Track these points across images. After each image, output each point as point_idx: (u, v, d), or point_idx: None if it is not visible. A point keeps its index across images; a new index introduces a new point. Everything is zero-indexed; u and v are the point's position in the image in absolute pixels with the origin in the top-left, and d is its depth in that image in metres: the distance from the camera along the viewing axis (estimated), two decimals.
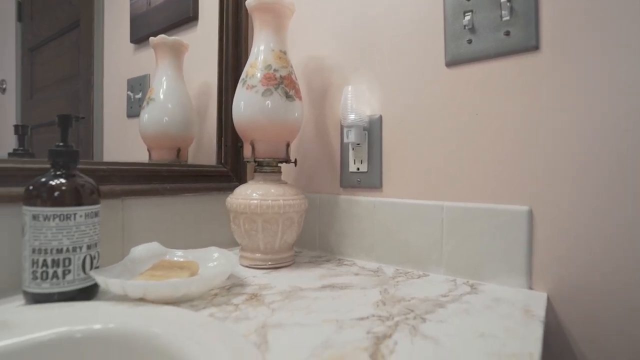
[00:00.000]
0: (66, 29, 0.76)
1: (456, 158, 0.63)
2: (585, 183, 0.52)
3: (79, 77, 0.78)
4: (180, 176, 0.72)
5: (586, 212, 0.52)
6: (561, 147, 0.54)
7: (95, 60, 0.79)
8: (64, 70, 0.74)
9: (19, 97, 0.68)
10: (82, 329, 0.38)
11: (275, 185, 0.67)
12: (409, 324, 0.43)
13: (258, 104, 0.64)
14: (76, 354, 0.37)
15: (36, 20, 0.71)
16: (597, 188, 0.52)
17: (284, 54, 0.68)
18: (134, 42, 0.88)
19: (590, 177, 0.52)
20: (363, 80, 0.74)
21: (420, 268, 0.66)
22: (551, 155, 0.55)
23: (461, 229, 0.61)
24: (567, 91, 0.54)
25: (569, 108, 0.54)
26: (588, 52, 0.52)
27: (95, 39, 0.80)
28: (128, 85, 0.88)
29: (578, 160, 0.53)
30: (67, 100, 0.74)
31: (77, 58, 0.77)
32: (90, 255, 0.49)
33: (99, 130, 0.79)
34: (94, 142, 0.78)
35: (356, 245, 0.74)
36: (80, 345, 0.37)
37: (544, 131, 0.55)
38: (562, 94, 0.54)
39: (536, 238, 0.56)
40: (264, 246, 0.65)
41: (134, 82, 0.87)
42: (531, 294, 0.54)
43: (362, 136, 0.71)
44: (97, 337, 0.38)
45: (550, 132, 0.55)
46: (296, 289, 0.56)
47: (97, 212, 0.50)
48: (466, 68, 0.62)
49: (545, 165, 0.55)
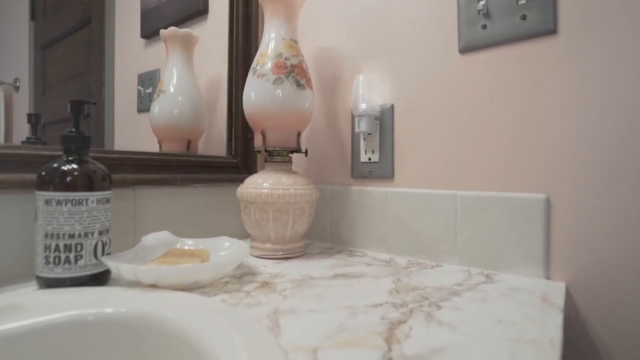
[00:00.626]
0: (78, 27, 0.76)
1: (470, 146, 0.62)
2: (605, 169, 0.51)
3: (90, 74, 0.78)
4: (190, 166, 0.72)
5: (606, 199, 0.51)
6: (580, 133, 0.53)
7: (106, 57, 0.80)
8: (75, 68, 0.75)
9: (31, 95, 0.69)
10: (94, 313, 0.38)
11: (286, 175, 0.66)
12: (424, 310, 0.42)
13: (269, 93, 0.64)
14: (88, 337, 0.37)
15: (48, 18, 0.72)
16: (618, 174, 0.50)
17: (295, 42, 0.68)
18: (145, 37, 0.89)
19: (611, 163, 0.51)
20: (374, 69, 0.73)
21: (433, 259, 0.65)
22: (569, 141, 0.53)
23: (475, 218, 0.60)
24: (586, 76, 0.52)
25: (588, 93, 0.52)
26: (610, 35, 0.51)
27: (107, 35, 0.80)
28: (139, 80, 0.88)
29: (597, 146, 0.51)
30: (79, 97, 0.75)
31: (88, 55, 0.78)
32: (102, 241, 0.49)
33: (109, 125, 0.80)
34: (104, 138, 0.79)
35: (368, 236, 0.73)
36: (92, 328, 0.37)
37: (561, 117, 0.54)
38: (581, 79, 0.53)
39: (553, 227, 0.55)
40: (274, 236, 0.65)
41: (144, 77, 0.88)
42: (549, 284, 0.53)
43: (374, 126, 0.70)
44: (109, 321, 0.37)
45: (568, 118, 0.53)
46: (307, 277, 0.55)
47: (109, 198, 0.50)
48: (480, 54, 0.61)
49: (563, 152, 0.54)
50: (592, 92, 0.52)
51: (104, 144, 0.76)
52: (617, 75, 0.50)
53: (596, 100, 0.51)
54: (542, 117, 0.55)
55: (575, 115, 0.53)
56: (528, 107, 0.57)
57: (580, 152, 0.53)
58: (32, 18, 0.70)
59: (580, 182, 0.53)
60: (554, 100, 0.55)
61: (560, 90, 0.54)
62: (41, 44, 0.71)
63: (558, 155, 0.54)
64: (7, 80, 0.63)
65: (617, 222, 0.50)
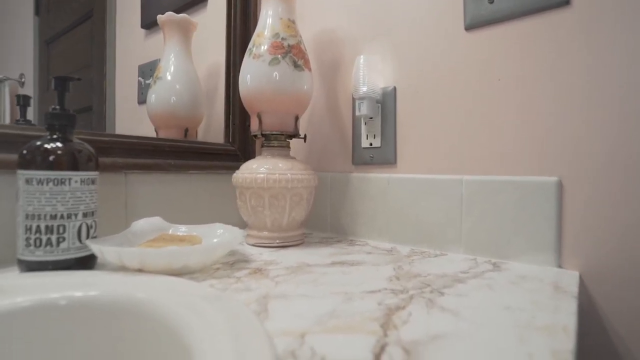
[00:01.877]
0: (80, 20, 0.76)
1: (476, 128, 0.58)
2: (622, 151, 0.47)
3: (92, 67, 0.78)
4: (184, 152, 0.70)
5: (622, 182, 0.47)
6: (595, 113, 0.49)
7: (107, 49, 0.80)
8: (78, 61, 0.75)
9: (36, 90, 0.68)
10: (67, 296, 0.35)
11: (283, 160, 0.63)
12: (425, 297, 0.39)
13: (265, 74, 0.61)
14: (58, 321, 0.34)
15: (52, 13, 0.72)
16: (635, 156, 0.46)
17: (293, 22, 0.65)
18: (145, 27, 0.88)
19: (628, 144, 0.47)
20: (376, 50, 0.70)
21: (437, 247, 0.62)
22: (583, 122, 0.50)
23: (482, 204, 0.57)
24: (603, 50, 0.49)
25: (604, 69, 0.48)
26: (630, 5, 0.47)
27: (108, 27, 0.80)
28: (139, 71, 0.87)
29: (613, 126, 0.48)
30: (81, 91, 0.74)
31: (90, 48, 0.77)
32: (87, 224, 0.46)
33: (111, 118, 0.80)
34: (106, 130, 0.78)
35: (369, 224, 0.70)
36: (64, 312, 0.34)
37: (574, 96, 0.50)
38: (596, 53, 0.49)
39: (566, 212, 0.51)
40: (270, 223, 0.62)
41: (144, 67, 0.87)
42: (561, 272, 0.49)
43: (375, 109, 0.67)
44: (80, 304, 0.35)
45: (581, 96, 0.50)
46: (303, 264, 0.52)
47: (94, 179, 0.48)
48: (487, 31, 0.57)
49: (576, 133, 0.50)
50: (609, 69, 0.48)
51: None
52: (636, 50, 0.46)
53: (613, 77, 0.48)
54: (553, 96, 0.52)
55: (589, 93, 0.49)
56: (538, 86, 0.53)
57: (595, 133, 0.49)
58: (37, 13, 0.69)
59: (594, 164, 0.49)
60: (566, 78, 0.51)
61: (574, 67, 0.50)
62: (45, 38, 0.71)
63: (570, 136, 0.51)
64: (13, 76, 0.63)
65: (635, 207, 0.46)
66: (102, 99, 0.79)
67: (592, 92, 0.49)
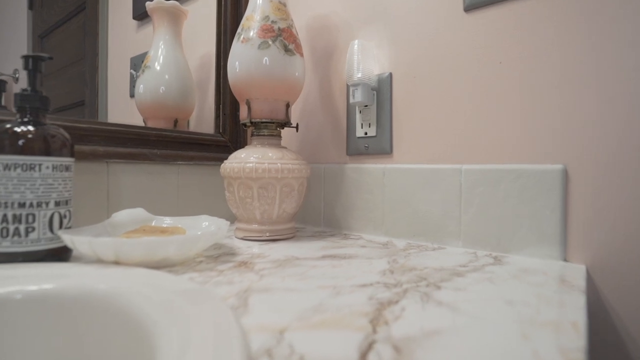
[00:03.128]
0: (73, 13, 0.75)
1: (476, 114, 0.55)
2: (633, 137, 0.44)
3: (85, 60, 0.76)
4: (171, 142, 0.67)
5: (631, 170, 0.44)
6: (602, 94, 0.46)
7: (100, 41, 0.78)
8: (71, 55, 0.74)
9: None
10: (23, 290, 0.32)
11: (273, 149, 0.60)
12: (421, 291, 0.36)
13: (254, 58, 0.58)
14: (11, 317, 0.31)
15: (45, 6, 0.70)
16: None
17: (284, 5, 0.62)
18: (137, 18, 0.86)
19: (638, 128, 0.44)
20: (371, 35, 0.67)
21: (435, 241, 0.58)
22: (590, 105, 0.47)
23: (482, 194, 0.54)
24: (611, 30, 0.45)
25: (612, 50, 0.45)
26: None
27: (100, 19, 0.79)
28: (131, 64, 0.85)
29: (624, 110, 0.45)
30: (75, 84, 0.73)
31: (83, 41, 0.76)
32: (60, 213, 0.43)
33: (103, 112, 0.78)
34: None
35: (364, 217, 0.67)
36: (19, 307, 0.31)
37: (580, 77, 0.47)
38: (604, 34, 0.46)
39: (572, 202, 0.48)
40: (260, 216, 0.59)
41: (136, 60, 0.85)
42: (566, 266, 0.46)
43: (370, 96, 0.64)
44: (37, 299, 0.32)
45: (587, 77, 0.47)
46: (292, 258, 0.49)
47: (69, 166, 0.45)
48: (488, 11, 0.54)
49: (582, 118, 0.47)
50: (618, 50, 0.45)
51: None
52: None
53: (623, 58, 0.45)
54: (558, 79, 0.49)
55: (597, 75, 0.46)
56: (542, 69, 0.50)
57: (603, 118, 0.46)
58: (30, 7, 0.68)
59: (602, 150, 0.46)
60: (573, 60, 0.48)
61: (581, 49, 0.47)
62: (39, 33, 0.70)
63: (576, 121, 0.48)
64: (7, 72, 0.62)
65: None
66: (94, 92, 0.78)
67: (600, 74, 0.46)
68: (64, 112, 0.77)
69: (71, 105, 0.76)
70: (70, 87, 0.76)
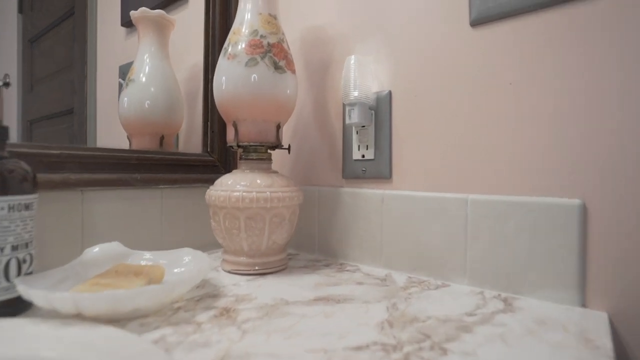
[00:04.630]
0: (63, 17, 0.72)
1: (484, 139, 0.51)
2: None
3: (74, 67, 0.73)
4: (154, 165, 0.62)
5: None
6: (625, 124, 0.41)
7: (88, 48, 0.75)
8: (60, 61, 0.71)
9: (20, 91, 0.65)
10: None
11: (262, 175, 0.55)
12: (424, 357, 0.32)
13: (241, 76, 0.53)
14: None
15: (35, 10, 0.68)
16: None
17: (274, 18, 0.57)
18: (125, 25, 0.82)
19: None
20: (369, 49, 0.62)
21: (438, 276, 0.54)
22: (612, 132, 0.42)
23: (491, 228, 0.49)
24: (632, 48, 0.41)
25: (635, 71, 0.41)
26: None
27: (89, 25, 0.75)
28: (120, 72, 0.81)
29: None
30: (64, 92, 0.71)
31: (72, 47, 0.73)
32: (18, 259, 0.39)
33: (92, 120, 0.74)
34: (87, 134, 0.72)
35: (361, 247, 0.62)
36: None
37: (600, 100, 0.42)
38: (625, 52, 0.41)
39: (591, 241, 0.43)
40: (248, 248, 0.54)
41: (125, 68, 0.81)
42: (586, 314, 0.41)
43: (368, 116, 0.59)
44: None
45: (608, 100, 0.42)
46: (281, 302, 0.44)
47: (30, 204, 0.40)
48: (496, 27, 0.49)
49: (602, 147, 0.42)
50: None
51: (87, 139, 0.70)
52: None
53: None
54: (574, 103, 0.44)
55: (619, 99, 0.41)
56: (556, 90, 0.45)
57: (627, 146, 0.41)
58: (20, 10, 0.66)
59: (626, 184, 0.41)
60: (591, 81, 0.43)
61: (600, 69, 0.43)
62: (29, 37, 0.68)
63: (596, 151, 0.43)
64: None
65: None
66: (83, 101, 0.74)
67: (622, 97, 0.41)
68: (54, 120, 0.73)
69: (61, 113, 0.72)
70: (60, 94, 0.72)
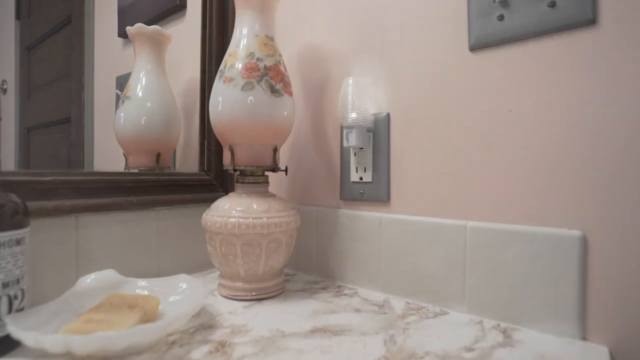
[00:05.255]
0: (60, 26, 0.72)
1: (483, 166, 0.50)
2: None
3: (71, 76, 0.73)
4: (150, 187, 0.61)
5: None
6: (626, 152, 0.41)
7: (85, 58, 0.74)
8: (58, 69, 0.71)
9: (17, 97, 0.66)
10: None
11: (259, 200, 0.55)
12: None
13: (237, 100, 0.53)
14: None
15: (33, 17, 0.68)
16: None
17: (271, 40, 0.56)
18: (122, 36, 0.81)
19: None
20: (368, 70, 0.61)
21: (437, 303, 0.53)
22: (613, 164, 0.41)
23: (490, 256, 0.48)
24: (633, 77, 0.40)
25: (638, 100, 0.40)
26: None
27: (86, 34, 0.75)
28: (117, 83, 0.81)
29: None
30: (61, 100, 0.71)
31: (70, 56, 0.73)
32: (9, 296, 0.38)
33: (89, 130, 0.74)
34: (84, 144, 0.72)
35: (359, 269, 0.61)
36: None
37: (601, 130, 0.42)
38: (627, 82, 0.40)
39: (591, 273, 0.42)
40: (244, 273, 0.54)
41: (122, 79, 0.80)
42: (586, 348, 0.41)
43: (366, 139, 0.59)
44: None
45: (610, 131, 0.41)
46: (278, 334, 0.44)
47: (21, 238, 0.40)
48: (496, 52, 0.49)
49: (604, 178, 0.42)
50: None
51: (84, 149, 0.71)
52: None
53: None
54: (576, 132, 0.43)
55: (621, 129, 0.41)
56: (558, 118, 0.45)
57: (627, 179, 0.40)
58: (17, 17, 0.66)
59: (628, 216, 0.41)
60: (593, 110, 0.42)
61: (601, 98, 0.42)
62: (26, 44, 0.68)
63: (598, 182, 0.42)
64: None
65: None
66: (80, 110, 0.73)
67: (625, 127, 0.41)
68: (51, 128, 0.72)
69: (58, 122, 0.72)
70: (57, 102, 0.72)
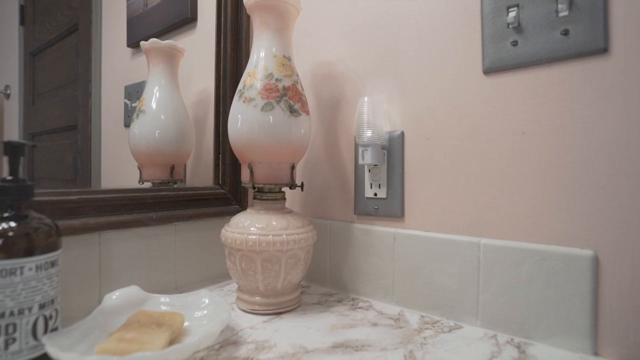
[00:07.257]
0: (65, 33, 0.72)
1: (496, 185, 0.52)
2: None
3: (78, 83, 0.73)
4: (168, 202, 0.63)
5: None
6: (636, 175, 0.42)
7: (93, 66, 0.75)
8: (64, 76, 0.71)
9: (21, 103, 0.65)
10: None
11: (277, 216, 0.56)
12: None
13: (257, 121, 0.54)
14: None
15: (38, 24, 0.68)
16: None
17: (288, 60, 0.58)
18: (131, 46, 0.82)
19: None
20: (382, 89, 0.63)
21: (451, 317, 0.55)
22: (623, 187, 0.43)
23: (503, 273, 0.50)
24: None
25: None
26: None
27: (94, 43, 0.75)
28: (125, 93, 0.82)
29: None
30: (67, 107, 0.71)
31: (76, 63, 0.73)
32: (45, 316, 0.39)
33: (96, 139, 0.75)
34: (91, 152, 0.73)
35: (373, 283, 0.63)
36: None
37: (613, 154, 0.44)
38: (638, 109, 0.42)
39: (603, 292, 0.44)
40: (264, 288, 0.55)
41: (131, 89, 0.81)
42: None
43: (381, 156, 0.60)
44: None
45: (622, 154, 0.43)
46: (301, 350, 0.45)
47: (55, 260, 0.41)
48: (509, 76, 0.50)
49: (615, 199, 0.44)
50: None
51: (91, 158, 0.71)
52: None
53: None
54: (588, 155, 0.45)
55: (632, 153, 0.43)
56: (569, 142, 0.46)
57: (639, 200, 0.42)
58: (22, 23, 0.66)
59: (638, 236, 0.42)
60: (603, 135, 0.44)
61: (613, 124, 0.44)
62: (30, 50, 0.68)
63: (609, 203, 0.44)
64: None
65: None
66: (87, 118, 0.74)
67: (636, 150, 0.42)
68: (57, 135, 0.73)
69: (64, 128, 0.73)
70: (62, 109, 0.73)
